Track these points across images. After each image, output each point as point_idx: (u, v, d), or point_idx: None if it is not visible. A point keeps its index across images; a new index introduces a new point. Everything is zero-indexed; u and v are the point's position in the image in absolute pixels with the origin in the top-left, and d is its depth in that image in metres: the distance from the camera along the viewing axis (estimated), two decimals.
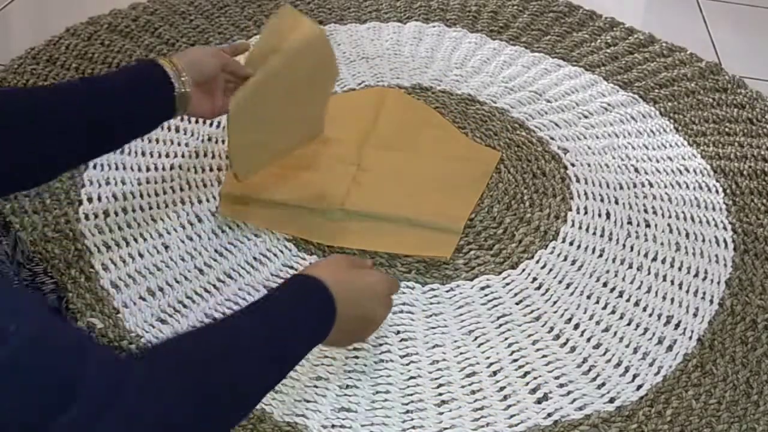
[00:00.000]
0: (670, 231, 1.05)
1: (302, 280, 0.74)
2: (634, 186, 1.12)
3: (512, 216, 1.05)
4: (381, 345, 0.87)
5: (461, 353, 0.87)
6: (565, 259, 1.00)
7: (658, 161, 1.16)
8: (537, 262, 0.99)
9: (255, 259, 0.96)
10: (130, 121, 0.85)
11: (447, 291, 0.95)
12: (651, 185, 1.12)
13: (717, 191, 1.12)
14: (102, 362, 0.48)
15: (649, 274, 0.98)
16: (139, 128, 0.88)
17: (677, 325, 0.92)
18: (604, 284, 0.97)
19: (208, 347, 0.61)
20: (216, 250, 0.96)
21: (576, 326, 0.91)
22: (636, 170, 1.14)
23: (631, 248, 1.02)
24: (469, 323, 0.91)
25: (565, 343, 0.89)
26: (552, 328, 0.91)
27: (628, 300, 0.95)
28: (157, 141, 1.12)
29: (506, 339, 0.89)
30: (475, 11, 1.47)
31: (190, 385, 0.55)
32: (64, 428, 0.43)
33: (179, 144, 1.12)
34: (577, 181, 1.12)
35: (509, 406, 0.83)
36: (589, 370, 0.87)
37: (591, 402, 0.84)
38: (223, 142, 1.13)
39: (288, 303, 0.70)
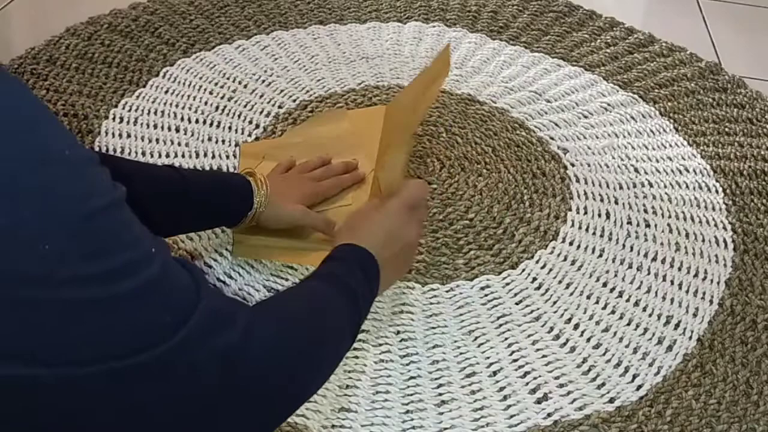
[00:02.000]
0: (670, 231, 1.05)
1: (353, 252, 0.76)
2: (634, 186, 1.12)
3: (512, 216, 1.05)
4: (381, 345, 0.87)
5: (461, 353, 0.87)
6: (565, 259, 1.00)
7: (657, 161, 1.16)
8: (537, 262, 0.99)
9: (255, 259, 0.96)
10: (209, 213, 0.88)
11: (447, 291, 0.95)
12: (651, 185, 1.12)
13: (717, 191, 1.12)
14: (214, 293, 0.51)
15: (649, 274, 0.99)
16: (207, 223, 0.92)
17: (677, 325, 0.92)
18: (604, 284, 0.97)
19: (304, 303, 0.66)
20: (216, 250, 0.96)
21: (576, 326, 0.91)
22: (636, 170, 1.14)
23: (631, 248, 1.02)
24: (469, 323, 0.91)
25: (565, 343, 0.89)
26: (552, 328, 0.91)
27: (628, 300, 0.95)
28: (157, 141, 1.12)
29: (506, 339, 0.89)
30: (475, 11, 1.47)
31: (294, 323, 0.60)
32: (179, 344, 0.46)
33: (179, 144, 1.12)
34: (577, 181, 1.12)
35: (509, 406, 0.83)
36: (589, 370, 0.87)
37: (591, 402, 0.84)
38: (223, 142, 1.13)
39: (354, 275, 0.73)
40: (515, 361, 0.87)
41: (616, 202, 1.09)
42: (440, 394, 0.83)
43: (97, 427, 0.46)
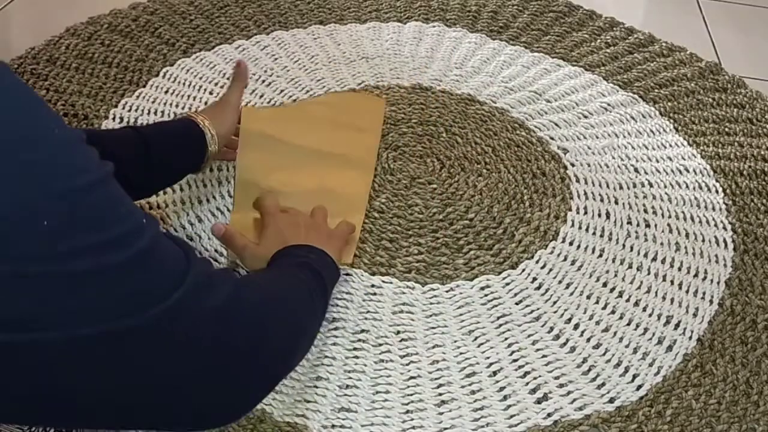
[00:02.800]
0: (670, 231, 1.05)
1: (289, 248, 0.83)
2: (634, 186, 1.12)
3: (512, 216, 1.05)
4: (381, 345, 0.87)
5: (461, 353, 0.87)
6: (565, 259, 1.00)
7: (658, 161, 1.16)
8: (537, 262, 0.99)
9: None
10: (168, 173, 0.92)
11: (447, 291, 0.95)
12: (651, 185, 1.12)
13: (717, 191, 1.12)
14: (203, 261, 0.54)
15: (649, 274, 0.99)
16: (169, 180, 0.96)
17: (677, 325, 0.92)
18: (604, 284, 0.97)
19: (278, 276, 0.75)
20: (216, 250, 0.96)
21: (576, 326, 0.91)
22: (636, 170, 1.14)
23: (631, 248, 1.02)
24: (469, 323, 0.91)
25: (565, 343, 0.89)
26: (552, 328, 0.91)
27: (628, 300, 0.95)
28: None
29: (506, 339, 0.89)
30: (475, 11, 1.47)
31: (274, 290, 0.67)
32: (174, 305, 0.48)
33: None
34: (577, 181, 1.12)
35: (509, 406, 0.83)
36: (589, 370, 0.87)
37: (591, 402, 0.84)
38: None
39: (305, 255, 0.81)
40: (515, 361, 0.87)
41: (616, 202, 1.09)
42: (440, 394, 0.83)
43: (96, 388, 0.47)
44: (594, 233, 1.04)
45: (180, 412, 0.52)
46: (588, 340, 0.90)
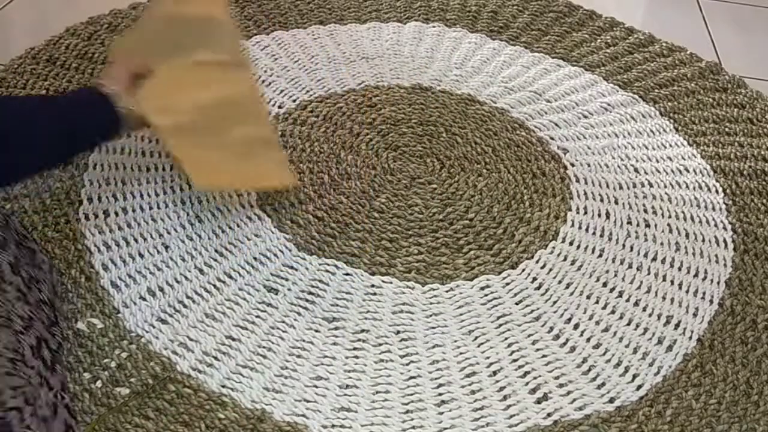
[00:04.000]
0: (670, 231, 1.05)
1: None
2: (634, 186, 1.12)
3: (512, 216, 1.05)
4: (381, 345, 0.88)
5: (461, 353, 0.88)
6: (565, 259, 1.00)
7: (658, 161, 1.16)
8: (537, 262, 0.99)
9: (255, 259, 0.96)
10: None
11: (447, 291, 0.95)
12: (651, 185, 1.12)
13: (717, 191, 1.12)
14: None
15: (649, 274, 0.99)
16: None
17: (677, 325, 0.92)
18: (604, 284, 0.97)
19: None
20: (216, 250, 0.96)
21: (576, 326, 0.91)
22: (636, 170, 1.14)
23: (631, 248, 1.02)
24: (469, 323, 0.91)
25: (564, 343, 0.90)
26: (552, 328, 0.91)
27: (628, 300, 0.95)
28: (157, 141, 1.12)
29: (506, 339, 0.90)
30: (475, 11, 1.47)
31: None
32: None
33: None
34: (577, 181, 1.12)
35: (509, 406, 0.83)
36: (589, 370, 0.87)
37: (591, 402, 0.84)
38: None
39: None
40: (515, 361, 0.87)
41: (616, 202, 1.09)
42: (440, 394, 0.83)
43: None
44: (594, 233, 1.04)
45: None
46: (588, 340, 0.90)
